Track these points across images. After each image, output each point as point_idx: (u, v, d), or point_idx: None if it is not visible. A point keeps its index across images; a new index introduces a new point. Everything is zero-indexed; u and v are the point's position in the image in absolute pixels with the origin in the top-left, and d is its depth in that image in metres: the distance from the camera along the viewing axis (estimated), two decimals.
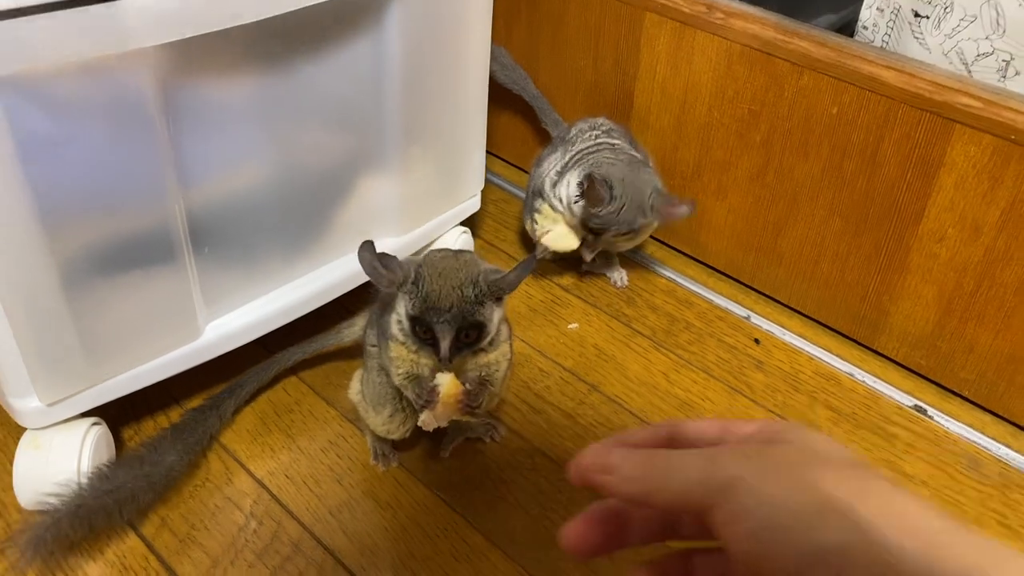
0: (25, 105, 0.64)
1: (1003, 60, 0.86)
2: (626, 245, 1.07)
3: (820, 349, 1.04)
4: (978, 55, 0.87)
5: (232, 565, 0.78)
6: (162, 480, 0.82)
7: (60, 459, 0.78)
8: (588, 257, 1.05)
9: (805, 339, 1.05)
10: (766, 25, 0.96)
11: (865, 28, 0.96)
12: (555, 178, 1.05)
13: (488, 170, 1.32)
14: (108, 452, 0.84)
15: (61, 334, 0.74)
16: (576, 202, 1.00)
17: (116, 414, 0.88)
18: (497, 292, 0.72)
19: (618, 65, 1.11)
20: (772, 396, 0.97)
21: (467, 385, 0.74)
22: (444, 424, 0.76)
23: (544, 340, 1.04)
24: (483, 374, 0.76)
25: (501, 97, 1.22)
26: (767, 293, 1.11)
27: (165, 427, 0.87)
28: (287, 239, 0.89)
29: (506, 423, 0.93)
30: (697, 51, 1.02)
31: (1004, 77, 0.86)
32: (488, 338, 0.75)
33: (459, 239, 1.07)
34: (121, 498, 0.79)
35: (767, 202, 1.04)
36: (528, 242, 1.17)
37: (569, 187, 1.02)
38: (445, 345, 0.71)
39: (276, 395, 0.95)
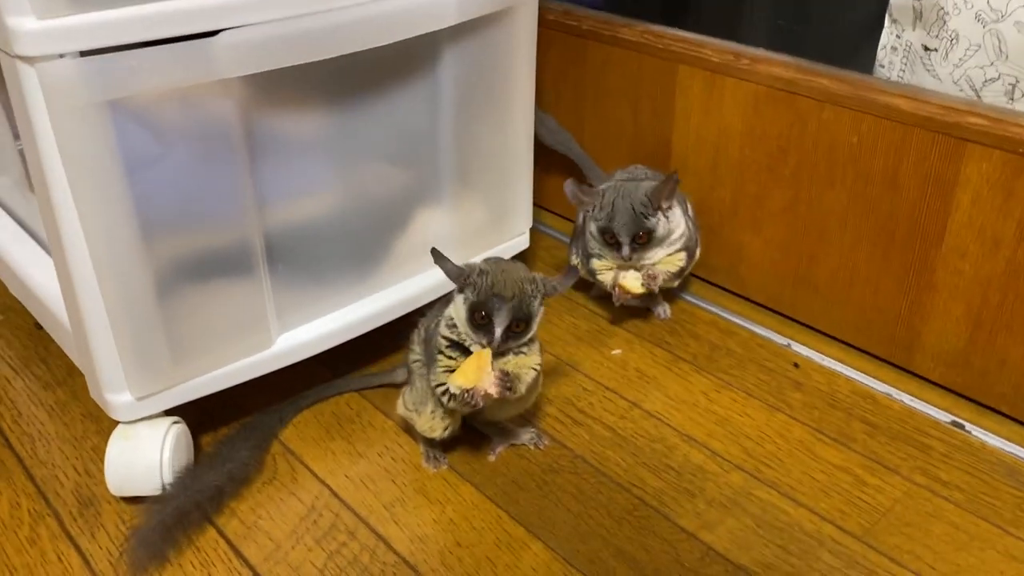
0: (131, 125, 0.76)
1: (1009, 84, 0.92)
2: (665, 265, 1.12)
3: (858, 372, 1.07)
4: (986, 80, 0.94)
5: (293, 549, 0.85)
6: (241, 473, 0.91)
7: (146, 449, 0.87)
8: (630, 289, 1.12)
9: (843, 363, 1.09)
10: (788, 67, 1.04)
11: (882, 67, 1.04)
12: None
13: (539, 221, 1.42)
14: (187, 450, 0.92)
15: (152, 335, 0.85)
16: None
17: (197, 421, 0.97)
18: (549, 291, 0.85)
19: (656, 115, 1.21)
20: (809, 412, 1.01)
21: (504, 369, 0.85)
22: (470, 386, 0.83)
23: (588, 363, 1.10)
24: (517, 371, 0.86)
25: (549, 157, 1.32)
26: (806, 322, 1.15)
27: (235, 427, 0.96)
28: (352, 262, 0.99)
29: (549, 433, 0.98)
30: (727, 96, 1.11)
31: (1012, 99, 0.92)
32: (530, 334, 0.84)
33: None
34: (210, 495, 0.87)
35: (800, 233, 1.10)
36: (576, 283, 1.25)
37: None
38: (499, 330, 0.82)
39: (340, 408, 1.03)
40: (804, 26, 1.17)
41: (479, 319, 0.83)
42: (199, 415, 1.01)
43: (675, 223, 1.09)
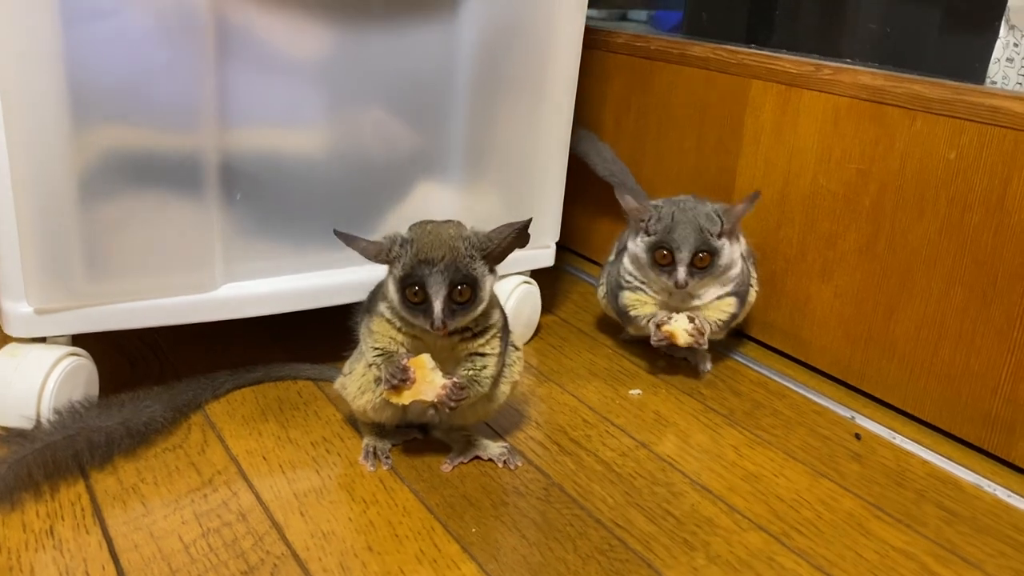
0: None
1: None
2: (713, 313, 0.93)
3: (938, 456, 0.83)
4: None
5: (165, 519, 0.66)
6: (141, 427, 0.74)
7: (29, 371, 0.72)
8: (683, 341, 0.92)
9: (921, 445, 0.85)
10: (876, 75, 0.88)
11: (993, 83, 0.86)
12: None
13: (575, 267, 1.26)
14: (86, 390, 0.77)
15: (66, 238, 0.72)
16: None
17: (116, 373, 0.82)
18: (487, 246, 0.70)
19: (722, 142, 1.05)
20: (867, 486, 0.77)
21: (454, 378, 0.70)
22: (408, 402, 0.70)
23: (595, 398, 0.90)
24: (471, 373, 0.72)
25: (591, 200, 1.18)
26: (877, 396, 0.92)
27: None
28: (330, 219, 0.85)
29: (527, 457, 0.78)
30: (803, 111, 0.95)
31: None
32: (481, 305, 0.70)
33: (518, 288, 0.98)
34: (94, 440, 0.71)
35: (878, 278, 0.90)
36: (603, 326, 1.07)
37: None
38: (438, 303, 0.67)
39: (287, 394, 0.86)
40: (896, 43, 1.01)
41: (413, 296, 0.68)
42: (122, 365, 0.87)
43: (735, 258, 0.91)
